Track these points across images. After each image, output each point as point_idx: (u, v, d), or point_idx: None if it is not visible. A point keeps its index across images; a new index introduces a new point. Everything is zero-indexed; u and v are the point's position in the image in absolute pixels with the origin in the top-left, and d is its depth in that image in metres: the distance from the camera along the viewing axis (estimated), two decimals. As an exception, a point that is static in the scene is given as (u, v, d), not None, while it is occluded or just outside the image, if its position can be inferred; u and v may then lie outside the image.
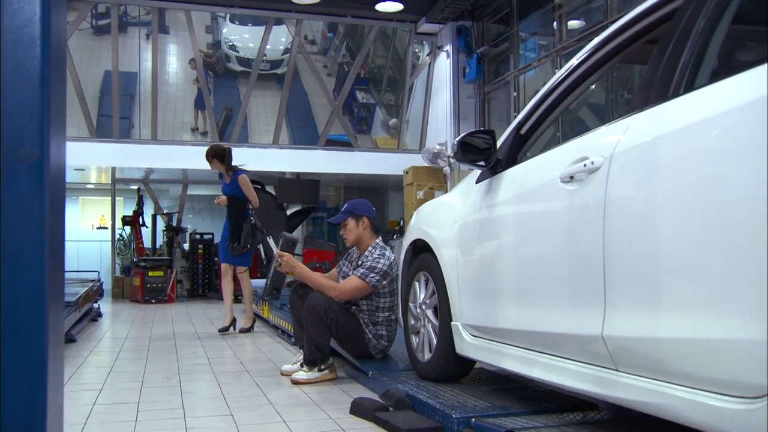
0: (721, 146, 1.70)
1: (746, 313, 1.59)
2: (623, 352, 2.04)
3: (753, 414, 1.57)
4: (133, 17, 11.46)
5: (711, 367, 1.72)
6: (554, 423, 2.54)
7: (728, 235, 1.65)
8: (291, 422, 3.05)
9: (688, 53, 1.97)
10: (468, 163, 2.90)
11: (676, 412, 1.84)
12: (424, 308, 3.52)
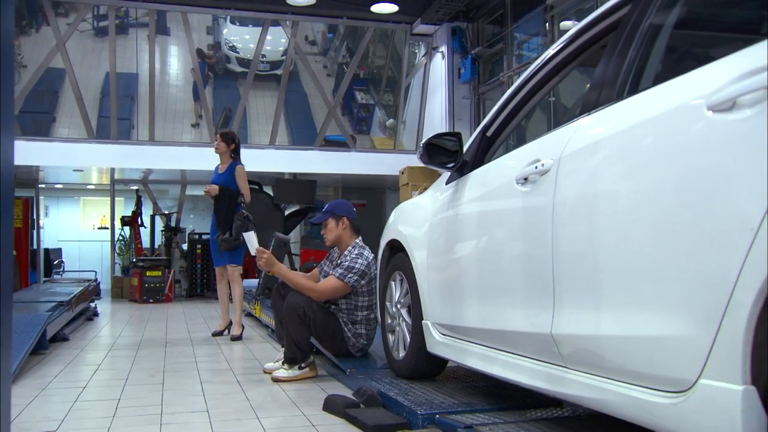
0: (657, 148, 1.75)
1: (674, 311, 1.65)
2: (571, 350, 2.10)
3: (677, 408, 1.63)
4: (134, 19, 11.54)
5: (644, 363, 1.78)
6: (513, 419, 2.60)
7: (658, 236, 1.71)
8: (264, 418, 3.12)
9: (631, 59, 2.03)
10: (434, 165, 2.96)
11: (615, 407, 1.90)
12: (399, 307, 3.59)
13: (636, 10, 2.08)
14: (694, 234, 1.57)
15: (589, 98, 2.17)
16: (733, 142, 1.50)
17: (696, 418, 1.58)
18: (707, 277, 1.53)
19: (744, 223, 1.43)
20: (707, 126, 1.56)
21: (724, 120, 1.52)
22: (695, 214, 1.58)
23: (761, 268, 1.39)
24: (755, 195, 1.40)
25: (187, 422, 3.07)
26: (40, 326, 4.84)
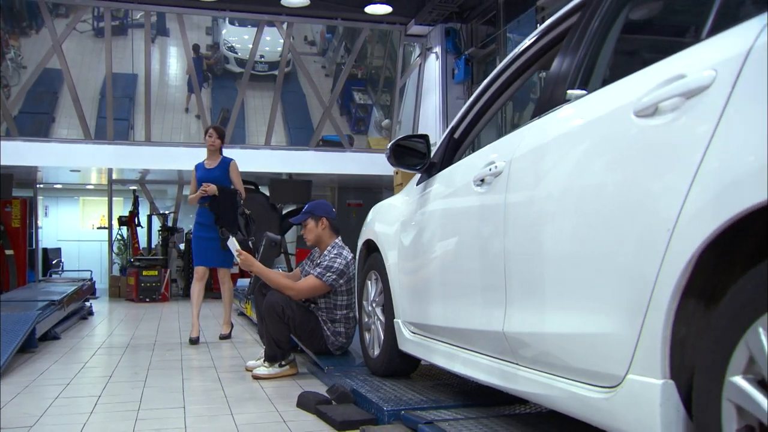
0: (591, 151, 1.81)
1: (605, 309, 1.71)
2: (521, 347, 2.16)
3: (609, 402, 1.68)
4: (134, 19, 11.62)
5: (582, 359, 1.83)
6: (475, 415, 2.66)
7: (591, 237, 1.77)
8: (237, 414, 3.19)
9: (578, 64, 2.09)
10: (402, 167, 3.03)
11: (559, 403, 1.96)
12: (374, 306, 3.65)
13: (584, 17, 2.14)
14: (622, 235, 1.63)
15: (540, 101, 2.23)
16: (654, 146, 1.55)
17: (624, 411, 1.63)
18: (632, 277, 1.59)
19: (661, 224, 1.48)
20: (633, 130, 1.62)
21: (647, 125, 1.58)
22: (622, 216, 1.64)
23: (676, 268, 1.44)
24: (671, 197, 1.46)
25: (162, 418, 3.14)
26: (28, 325, 4.92)
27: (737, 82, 1.34)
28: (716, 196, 1.34)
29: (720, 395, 1.36)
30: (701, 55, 1.48)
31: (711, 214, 1.35)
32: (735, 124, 1.33)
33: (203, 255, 5.77)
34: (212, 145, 5.81)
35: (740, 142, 1.31)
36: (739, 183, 1.29)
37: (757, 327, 1.28)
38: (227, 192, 5.69)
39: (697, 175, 1.40)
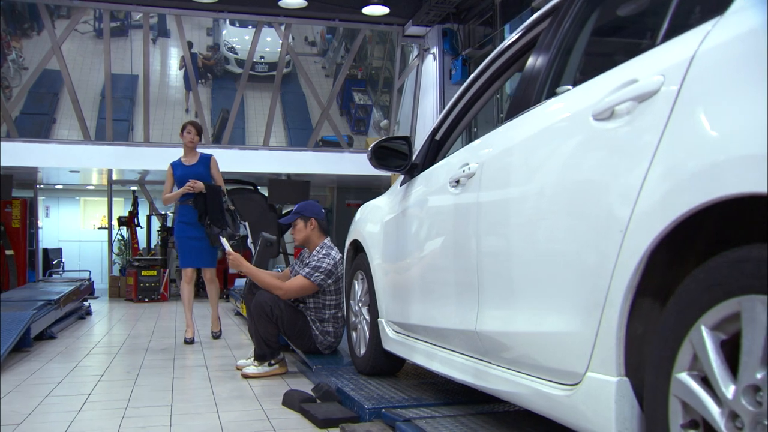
0: (553, 154, 1.85)
1: (567, 308, 1.75)
2: (492, 346, 2.20)
3: (571, 399, 1.72)
4: (134, 21, 11.68)
5: (547, 357, 1.87)
6: (453, 413, 2.70)
7: (554, 237, 1.81)
8: (223, 413, 3.23)
9: (547, 68, 2.12)
10: (383, 169, 3.07)
11: (526, 400, 2.00)
12: (360, 305, 3.69)
13: (554, 23, 2.17)
14: (581, 235, 1.67)
15: (512, 104, 2.27)
16: (610, 149, 1.59)
17: (584, 408, 1.67)
18: (590, 276, 1.63)
19: (615, 225, 1.52)
20: (591, 133, 1.66)
21: (604, 128, 1.61)
22: (582, 217, 1.67)
23: (629, 267, 1.48)
24: (624, 199, 1.50)
25: (147, 416, 3.18)
26: (23, 324, 4.97)
27: (682, 87, 1.38)
28: (663, 198, 1.38)
29: (667, 391, 1.40)
30: (652, 61, 1.52)
31: (659, 215, 1.39)
32: (680, 128, 1.37)
33: (192, 256, 5.68)
34: (191, 142, 5.67)
35: (684, 145, 1.35)
36: (683, 185, 1.33)
37: (699, 325, 1.32)
38: (213, 188, 5.62)
39: (647, 178, 1.44)
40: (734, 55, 1.28)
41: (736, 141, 1.22)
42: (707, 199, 1.25)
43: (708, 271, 1.31)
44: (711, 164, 1.26)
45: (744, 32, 1.27)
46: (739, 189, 1.19)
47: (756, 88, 1.20)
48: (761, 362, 1.18)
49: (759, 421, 1.18)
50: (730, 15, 1.34)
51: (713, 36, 1.34)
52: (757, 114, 1.18)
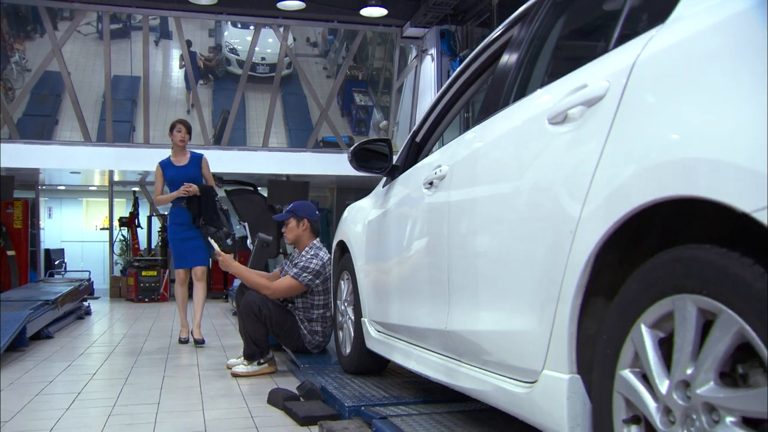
0: (513, 157, 1.90)
1: (526, 308, 1.79)
2: (461, 345, 2.24)
3: (530, 396, 1.77)
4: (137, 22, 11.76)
5: (509, 356, 1.92)
6: (429, 411, 2.74)
7: (512, 238, 1.85)
8: (208, 410, 3.28)
9: (514, 73, 2.17)
10: (364, 170, 3.11)
11: (491, 397, 2.04)
12: (346, 305, 3.74)
13: (522, 28, 2.22)
14: (537, 236, 1.71)
15: (481, 108, 2.31)
16: (563, 152, 1.64)
17: (541, 405, 1.72)
18: (544, 277, 1.67)
19: (566, 226, 1.56)
20: (547, 137, 1.70)
21: (557, 132, 1.66)
22: (537, 219, 1.72)
23: (577, 268, 1.52)
24: (574, 201, 1.54)
25: (134, 413, 3.24)
26: (18, 324, 5.04)
27: (624, 93, 1.42)
28: (605, 200, 1.43)
29: (612, 388, 1.44)
30: (601, 67, 1.57)
31: (602, 217, 1.43)
32: (621, 132, 1.41)
33: (186, 257, 5.59)
34: (182, 141, 5.56)
35: (624, 149, 1.40)
36: (623, 188, 1.37)
37: (639, 324, 1.36)
38: (206, 190, 5.56)
39: (593, 181, 1.48)
40: (669, 63, 1.32)
41: (668, 146, 1.26)
42: (643, 201, 1.30)
43: (646, 272, 1.35)
44: (646, 168, 1.30)
45: (678, 41, 1.31)
46: (670, 192, 1.23)
47: (688, 94, 1.25)
48: (691, 359, 1.22)
49: (688, 415, 1.22)
50: (668, 24, 1.38)
51: (652, 44, 1.39)
52: (688, 119, 1.23)
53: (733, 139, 1.11)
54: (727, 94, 1.16)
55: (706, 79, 1.21)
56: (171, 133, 5.66)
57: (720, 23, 1.21)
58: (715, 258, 1.17)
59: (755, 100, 1.08)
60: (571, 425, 1.58)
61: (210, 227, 5.39)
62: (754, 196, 1.05)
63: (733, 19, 1.18)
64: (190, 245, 5.56)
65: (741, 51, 1.15)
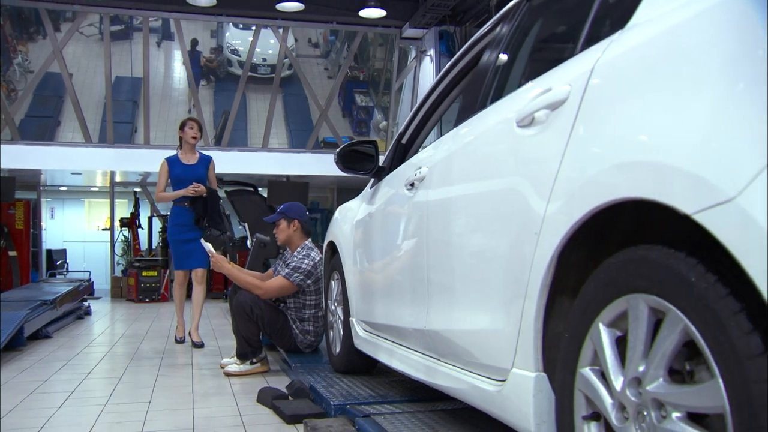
0: (484, 158, 1.93)
1: (495, 307, 1.83)
2: (438, 343, 2.28)
3: (500, 394, 1.80)
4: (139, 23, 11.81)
5: (482, 355, 1.95)
6: (412, 410, 2.78)
7: (484, 239, 1.89)
8: (198, 408, 3.33)
9: (490, 77, 2.20)
10: (350, 172, 3.15)
11: (467, 395, 2.07)
12: (336, 305, 3.78)
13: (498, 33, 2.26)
14: (506, 237, 1.75)
15: (460, 110, 2.35)
16: (530, 154, 1.67)
17: (510, 403, 1.75)
18: (513, 276, 1.70)
19: (532, 227, 1.60)
20: (515, 139, 1.74)
21: (525, 134, 1.69)
22: (506, 220, 1.75)
23: (541, 268, 1.56)
24: (539, 202, 1.58)
25: (125, 411, 3.29)
26: (15, 324, 5.09)
27: (583, 97, 1.46)
28: (566, 202, 1.46)
29: (573, 385, 1.47)
30: (565, 71, 1.60)
31: (564, 218, 1.47)
32: (580, 135, 1.45)
33: (187, 258, 5.50)
34: (194, 138, 5.48)
35: (582, 152, 1.43)
36: (581, 190, 1.41)
37: (597, 323, 1.40)
38: (212, 192, 5.51)
39: (556, 182, 1.52)
40: (623, 68, 1.36)
41: (620, 149, 1.30)
42: (598, 203, 1.33)
43: (604, 271, 1.38)
44: (600, 171, 1.34)
45: (631, 47, 1.34)
46: (622, 194, 1.27)
47: (639, 98, 1.28)
48: (643, 357, 1.25)
49: (640, 411, 1.25)
50: (627, 29, 1.41)
51: (610, 49, 1.42)
52: (637, 123, 1.26)
53: (676, 143, 1.15)
54: (672, 99, 1.19)
55: (654, 84, 1.24)
56: (182, 131, 5.54)
57: (667, 31, 1.24)
58: (663, 258, 1.20)
59: (697, 105, 1.12)
60: (537, 422, 1.61)
61: (214, 230, 5.35)
62: (694, 198, 1.08)
63: (679, 28, 1.22)
64: (191, 247, 5.41)
65: (685, 58, 1.19)
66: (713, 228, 1.04)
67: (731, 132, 1.05)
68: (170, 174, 5.47)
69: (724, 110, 1.07)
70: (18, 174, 10.84)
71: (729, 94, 1.08)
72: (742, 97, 1.05)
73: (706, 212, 1.06)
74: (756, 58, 1.03)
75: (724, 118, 1.07)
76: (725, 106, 1.08)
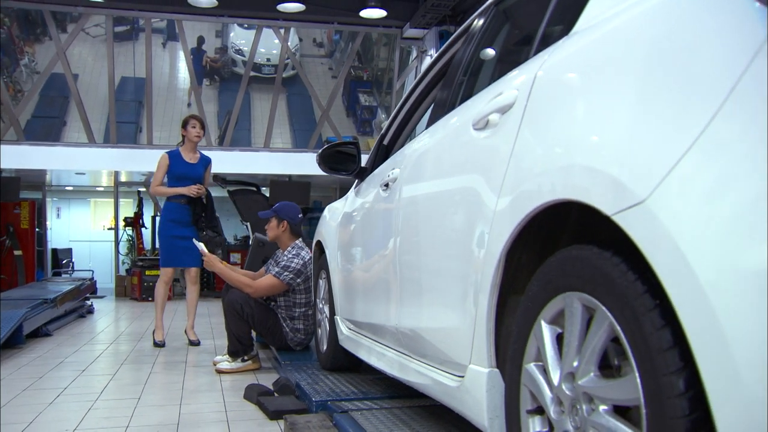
0: (445, 161, 1.98)
1: (454, 306, 1.87)
2: (410, 341, 2.33)
3: (459, 389, 1.85)
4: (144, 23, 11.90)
5: (445, 351, 2.00)
6: (390, 406, 2.83)
7: (445, 238, 1.94)
8: (185, 405, 3.39)
9: (458, 82, 2.26)
10: (333, 172, 3.21)
11: (432, 390, 2.13)
12: (323, 304, 3.84)
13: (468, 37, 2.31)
14: (463, 236, 1.80)
15: (431, 113, 2.40)
16: (483, 156, 1.72)
17: (467, 398, 1.80)
18: (468, 275, 1.75)
19: (483, 227, 1.65)
20: (471, 142, 1.79)
21: (479, 137, 1.74)
22: (462, 221, 1.80)
23: (491, 267, 1.61)
24: (489, 202, 1.63)
25: (114, 407, 3.36)
26: (14, 322, 5.17)
27: (528, 101, 1.51)
28: (511, 203, 1.51)
29: (519, 381, 1.52)
30: (515, 76, 1.65)
31: (509, 219, 1.51)
32: (524, 139, 1.50)
33: (179, 256, 5.49)
34: (197, 136, 5.48)
35: (525, 155, 1.48)
36: (524, 191, 1.45)
37: (540, 320, 1.44)
38: (209, 193, 5.57)
39: (504, 183, 1.57)
40: (558, 74, 1.41)
41: (554, 152, 1.34)
42: (537, 205, 1.38)
43: (544, 270, 1.43)
44: (538, 173, 1.39)
45: (567, 55, 1.39)
46: (558, 196, 1.31)
47: (570, 103, 1.33)
48: (577, 352, 1.30)
49: (574, 404, 1.30)
50: (568, 37, 1.46)
51: (553, 56, 1.47)
52: (569, 127, 1.31)
53: (600, 147, 1.20)
54: (599, 104, 1.24)
55: (584, 90, 1.29)
56: (185, 129, 5.53)
57: (595, 40, 1.29)
58: (592, 257, 1.25)
59: (618, 110, 1.17)
60: (490, 417, 1.66)
61: (210, 231, 5.39)
62: (614, 200, 1.13)
63: (605, 37, 1.27)
64: (186, 244, 5.32)
65: (609, 65, 1.24)
66: (629, 229, 1.09)
67: (644, 136, 1.10)
68: (170, 169, 5.44)
69: (640, 114, 1.12)
70: (23, 174, 10.97)
71: (644, 98, 1.12)
72: (655, 101, 1.10)
73: (622, 213, 1.11)
74: (667, 65, 1.08)
75: (638, 122, 1.12)
76: (641, 110, 1.12)
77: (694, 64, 1.04)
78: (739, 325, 0.91)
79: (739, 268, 0.92)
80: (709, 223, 0.96)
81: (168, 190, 5.48)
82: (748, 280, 0.90)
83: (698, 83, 1.02)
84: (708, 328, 0.94)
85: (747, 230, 0.92)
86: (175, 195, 5.44)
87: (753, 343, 0.89)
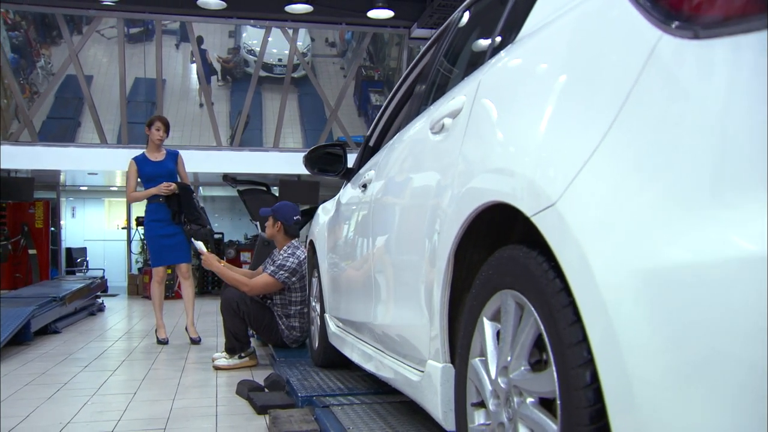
0: (407, 163, 2.05)
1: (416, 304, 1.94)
2: (383, 337, 2.40)
3: (420, 384, 1.92)
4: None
5: (410, 347, 2.07)
6: (371, 401, 2.91)
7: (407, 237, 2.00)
8: (178, 399, 3.48)
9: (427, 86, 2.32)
10: (320, 173, 3.28)
11: (401, 384, 2.19)
12: (315, 301, 3.92)
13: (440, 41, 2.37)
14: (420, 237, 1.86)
15: (404, 117, 2.46)
16: (437, 158, 1.78)
17: (427, 391, 1.86)
18: (424, 274, 1.82)
19: (435, 227, 1.71)
20: (429, 145, 1.85)
21: (435, 140, 1.81)
22: (419, 220, 1.86)
23: (441, 265, 1.67)
24: (440, 202, 1.69)
25: (109, 402, 3.46)
26: (21, 319, 5.31)
27: (472, 107, 1.57)
28: (457, 204, 1.57)
29: (466, 375, 1.58)
30: (466, 83, 1.71)
31: (455, 219, 1.58)
32: (468, 142, 1.56)
33: (167, 254, 5.54)
34: (159, 140, 5.52)
35: (467, 158, 1.54)
36: (466, 193, 1.52)
37: (482, 317, 1.50)
38: (184, 187, 5.51)
39: (453, 185, 1.63)
40: (495, 82, 1.47)
41: (489, 156, 1.40)
42: (475, 206, 1.44)
43: (486, 269, 1.49)
44: (475, 176, 1.44)
45: (504, 63, 1.45)
46: (492, 198, 1.37)
47: (505, 110, 1.39)
48: (510, 347, 1.36)
49: (508, 397, 1.36)
50: (511, 45, 1.52)
51: (495, 63, 1.53)
52: (501, 132, 1.37)
53: (522, 150, 1.25)
54: (523, 110, 1.30)
55: (512, 95, 1.35)
56: (149, 129, 5.57)
57: (527, 50, 1.35)
58: (522, 257, 1.31)
59: (539, 115, 1.22)
60: (444, 410, 1.72)
61: (193, 225, 5.41)
62: (533, 202, 1.19)
63: (534, 46, 1.32)
64: (171, 242, 5.46)
65: (532, 73, 1.30)
66: (543, 230, 1.15)
67: (557, 141, 1.16)
68: (140, 173, 5.51)
69: (555, 120, 1.18)
70: (37, 174, 11.17)
71: (559, 105, 1.18)
72: (567, 107, 1.16)
73: (540, 215, 1.17)
74: (577, 73, 1.14)
75: (553, 128, 1.18)
76: (556, 116, 1.18)
77: (598, 72, 1.10)
78: (627, 320, 0.96)
79: (631, 268, 0.97)
80: (606, 224, 1.02)
81: (139, 194, 5.55)
82: (638, 278, 0.95)
83: (600, 90, 1.08)
84: (603, 324, 1.00)
85: (640, 231, 0.97)
86: (150, 196, 5.46)
87: (640, 337, 0.94)
